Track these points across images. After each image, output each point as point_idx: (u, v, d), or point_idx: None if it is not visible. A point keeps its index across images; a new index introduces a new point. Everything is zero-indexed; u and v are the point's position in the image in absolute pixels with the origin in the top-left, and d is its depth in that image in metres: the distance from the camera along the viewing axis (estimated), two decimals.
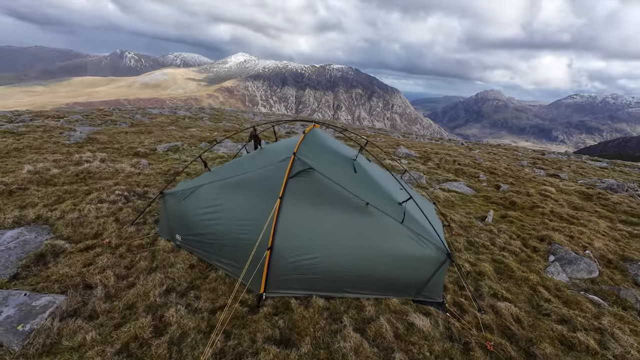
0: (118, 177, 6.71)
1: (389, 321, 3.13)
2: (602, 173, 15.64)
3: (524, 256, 4.92)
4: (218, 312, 3.12)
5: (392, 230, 3.45)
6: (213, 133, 15.70)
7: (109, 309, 3.03)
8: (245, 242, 3.51)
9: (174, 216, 4.24)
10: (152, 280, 3.43)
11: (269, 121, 9.11)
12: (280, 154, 3.85)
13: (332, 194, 3.53)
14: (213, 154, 10.46)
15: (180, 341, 2.75)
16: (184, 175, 7.48)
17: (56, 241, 4.01)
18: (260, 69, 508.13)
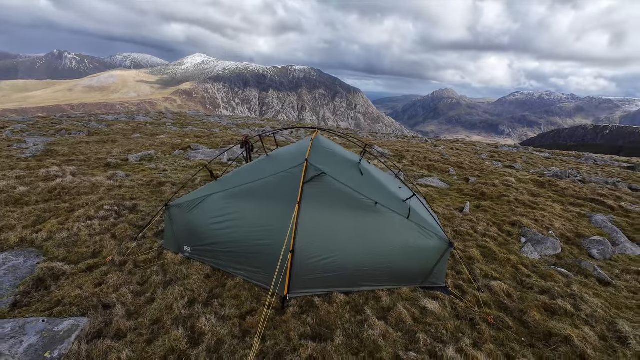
0: (99, 192, 6.32)
1: (405, 307, 3.46)
2: (547, 162, 17.73)
3: (501, 240, 5.59)
4: (247, 317, 3.22)
5: (400, 225, 3.80)
6: (184, 139, 15.12)
7: (135, 326, 2.99)
8: (263, 247, 3.64)
9: (181, 228, 4.20)
10: (172, 294, 3.41)
11: (273, 129, 9.09)
12: (290, 160, 4.02)
13: (344, 196, 3.79)
14: (192, 162, 10.16)
15: (218, 348, 2.82)
16: (170, 185, 7.25)
17: (52, 264, 3.78)
18: (220, 71, 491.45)
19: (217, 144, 14.38)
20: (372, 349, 2.88)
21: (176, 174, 8.43)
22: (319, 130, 4.61)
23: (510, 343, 3.14)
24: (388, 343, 2.95)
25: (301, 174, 3.73)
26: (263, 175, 4.00)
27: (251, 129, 25.22)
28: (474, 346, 2.99)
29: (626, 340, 3.19)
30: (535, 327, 3.36)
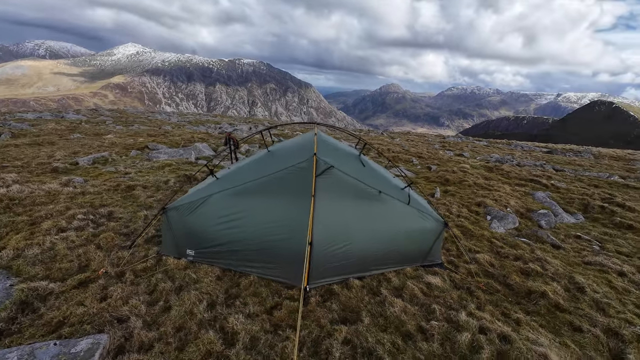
0: (59, 200, 5.58)
1: (414, 284, 3.81)
2: (488, 150, 20.09)
3: (473, 219, 6.34)
4: (274, 311, 3.26)
5: (402, 211, 4.13)
6: (137, 139, 13.85)
7: (159, 336, 2.83)
8: (278, 243, 3.67)
9: (181, 232, 3.99)
10: (188, 299, 3.28)
11: (266, 127, 8.76)
12: (296, 156, 4.06)
13: (351, 187, 3.99)
14: (156, 162, 9.40)
15: (255, 345, 2.83)
16: (141, 188, 6.68)
17: (33, 283, 3.33)
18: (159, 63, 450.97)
19: (177, 142, 13.44)
20: (397, 324, 3.16)
21: (143, 177, 7.76)
22: (318, 125, 4.72)
23: (502, 303, 3.69)
24: (409, 317, 3.26)
25: (312, 168, 3.82)
26: (269, 172, 3.99)
27: (206, 126, 23.88)
28: (478, 309, 3.46)
29: (584, 289, 3.97)
30: (517, 288, 3.98)
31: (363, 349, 2.84)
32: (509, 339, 2.94)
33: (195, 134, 15.85)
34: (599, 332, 3.25)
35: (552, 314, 3.56)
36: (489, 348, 2.84)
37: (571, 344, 3.08)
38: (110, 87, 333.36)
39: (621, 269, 4.56)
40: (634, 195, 9.32)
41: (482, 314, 3.31)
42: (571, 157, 19.46)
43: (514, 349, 2.81)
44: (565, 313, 3.56)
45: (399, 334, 3.05)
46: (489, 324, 3.14)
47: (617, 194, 9.12)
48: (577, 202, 8.09)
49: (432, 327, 3.09)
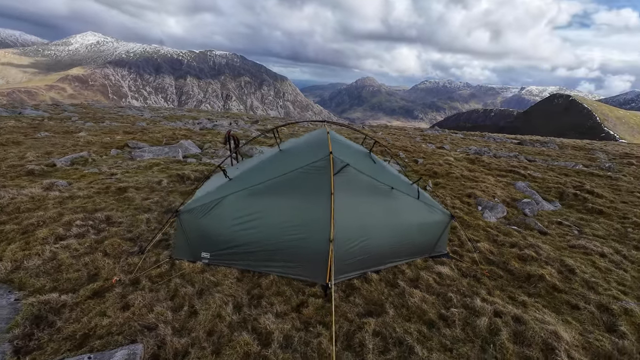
0: (47, 206, 5.22)
1: (427, 275, 4.02)
2: (465, 142, 21.04)
3: (466, 210, 6.71)
4: (301, 309, 3.32)
5: (413, 205, 4.31)
6: (114, 137, 13.13)
7: (191, 341, 2.80)
8: (298, 242, 3.72)
9: (195, 234, 3.91)
10: (213, 302, 3.26)
11: (277, 125, 8.54)
12: (310, 154, 4.08)
13: (365, 184, 4.09)
14: (142, 162, 8.97)
15: (290, 342, 2.88)
16: (133, 190, 6.38)
17: (43, 296, 3.14)
18: (123, 54, 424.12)
19: (159, 140, 12.86)
20: (419, 313, 3.35)
21: (132, 177, 7.40)
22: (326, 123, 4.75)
23: (507, 288, 4.00)
24: (429, 305, 3.45)
25: (329, 167, 3.87)
26: (284, 171, 3.98)
27: (184, 122, 22.92)
28: (489, 295, 3.73)
29: (574, 271, 4.39)
30: (517, 273, 4.32)
31: (393, 339, 2.99)
32: (522, 320, 3.22)
33: (177, 131, 15.22)
34: (593, 308, 3.63)
35: (551, 295, 3.92)
36: (506, 329, 3.09)
37: (572, 321, 3.42)
38: (68, 79, 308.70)
39: (602, 251, 5.08)
40: (599, 183, 10.26)
41: (493, 299, 3.58)
42: (539, 148, 20.88)
43: (528, 328, 3.09)
44: (562, 293, 3.93)
45: (422, 323, 3.23)
46: (502, 308, 3.40)
47: (585, 181, 9.99)
48: (554, 191, 8.78)
49: (452, 314, 3.30)
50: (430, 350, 2.88)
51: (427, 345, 2.93)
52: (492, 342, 2.98)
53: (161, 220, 5.12)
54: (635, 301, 3.82)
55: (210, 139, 13.35)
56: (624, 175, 12.07)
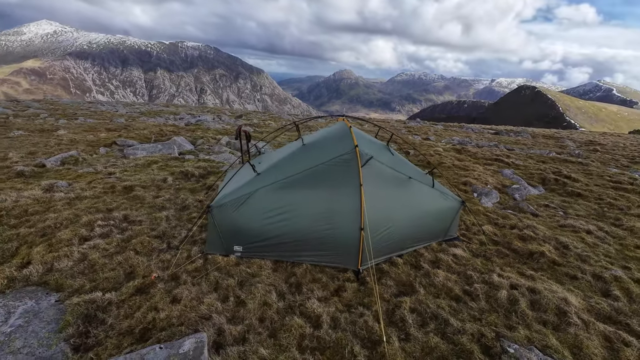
0: (57, 208, 5.06)
1: (444, 256, 4.38)
2: (447, 133, 21.93)
3: (465, 197, 7.18)
4: (340, 293, 3.56)
5: (429, 193, 4.64)
6: (98, 134, 12.60)
7: (247, 328, 2.96)
8: (330, 231, 3.93)
9: (227, 228, 4.01)
10: (257, 292, 3.41)
11: (299, 119, 8.45)
12: (336, 148, 4.25)
13: (387, 174, 4.35)
14: (139, 160, 8.72)
15: (338, 323, 3.11)
16: (140, 189, 6.27)
17: (87, 296, 3.16)
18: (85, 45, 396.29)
19: (147, 137, 12.46)
20: (446, 290, 3.69)
21: (133, 176, 7.23)
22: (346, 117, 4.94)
23: (515, 265, 4.45)
24: (453, 283, 3.81)
25: (356, 160, 4.08)
26: (311, 164, 4.15)
27: (165, 117, 22.11)
28: (502, 271, 4.14)
29: (568, 247, 4.93)
30: (521, 251, 4.79)
31: (428, 313, 3.31)
32: (536, 290, 3.64)
33: (165, 127, 14.76)
34: (589, 277, 4.15)
35: (552, 268, 4.41)
36: (524, 299, 3.51)
37: (574, 289, 3.90)
38: (23, 72, 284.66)
39: (587, 228, 5.70)
40: (573, 168, 11.21)
41: (508, 274, 4.00)
42: (515, 137, 22.19)
43: (542, 297, 3.51)
44: (561, 267, 4.43)
45: (450, 298, 3.58)
46: (516, 281, 3.82)
47: (562, 168, 10.89)
48: (537, 177, 9.53)
49: (475, 290, 3.67)
50: (462, 321, 3.22)
51: (459, 317, 3.27)
52: (514, 310, 3.38)
53: (180, 217, 5.13)
54: (620, 269, 4.40)
55: (202, 135, 13.09)
56: (592, 161, 13.23)
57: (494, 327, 3.14)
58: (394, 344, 2.88)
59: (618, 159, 14.54)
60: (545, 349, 2.92)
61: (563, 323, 3.23)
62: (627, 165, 13.20)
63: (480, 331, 3.07)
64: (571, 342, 3.02)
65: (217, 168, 8.12)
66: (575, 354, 2.91)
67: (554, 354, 2.88)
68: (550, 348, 2.93)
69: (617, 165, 12.92)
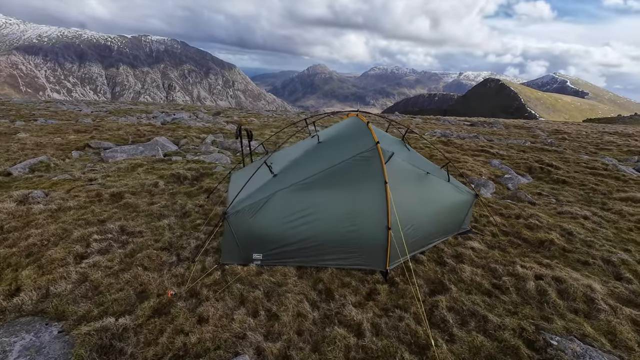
0: (39, 222, 4.47)
1: (464, 250, 4.38)
2: (428, 126, 22.46)
3: None
4: (374, 296, 3.42)
5: (444, 188, 4.60)
6: (66, 137, 11.54)
7: (286, 344, 2.74)
8: (355, 232, 3.76)
9: (245, 236, 3.72)
10: (289, 303, 3.19)
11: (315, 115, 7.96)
12: (355, 145, 4.05)
13: (408, 171, 4.25)
14: (120, 163, 8.01)
15: (380, 329, 2.97)
16: (130, 195, 5.73)
17: (97, 323, 2.78)
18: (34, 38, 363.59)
19: (123, 138, 11.56)
20: (476, 285, 3.67)
21: (117, 182, 6.61)
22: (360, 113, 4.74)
23: (530, 254, 4.54)
24: (481, 277, 3.80)
25: (377, 157, 3.92)
26: (331, 163, 3.94)
27: (136, 116, 20.74)
28: (522, 261, 4.20)
29: (572, 233, 5.13)
30: (531, 240, 4.92)
31: (465, 311, 3.26)
32: (560, 279, 3.72)
33: (141, 127, 13.77)
34: (600, 262, 4.33)
35: (563, 255, 4.56)
36: (551, 289, 3.56)
37: (590, 275, 4.04)
38: None
39: (584, 214, 5.99)
40: (551, 157, 11.85)
41: (529, 264, 4.06)
42: (490, 128, 23.18)
43: (568, 286, 3.59)
44: (571, 253, 4.59)
45: (482, 293, 3.56)
46: (539, 271, 3.89)
47: (542, 156, 11.46)
48: (523, 166, 9.95)
49: (504, 283, 3.69)
50: (500, 316, 3.20)
51: (496, 312, 3.26)
52: (545, 301, 3.42)
53: (183, 225, 4.73)
54: (624, 252, 4.64)
55: (184, 134, 12.36)
56: (564, 149, 14.09)
57: (531, 320, 3.15)
58: (442, 346, 2.79)
59: (585, 147, 15.62)
60: (584, 338, 2.96)
61: (593, 310, 3.32)
62: (594, 152, 14.20)
63: (520, 325, 3.06)
64: (605, 329, 3.10)
65: (210, 169, 7.65)
66: (611, 340, 2.98)
67: (593, 342, 2.93)
68: (588, 337, 2.98)
69: (586, 152, 13.85)
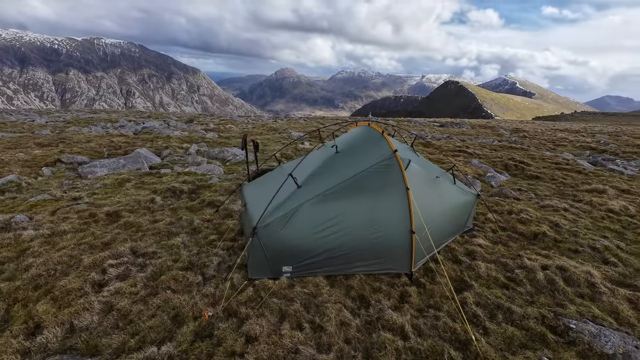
0: (35, 250, 4.09)
1: (473, 248, 4.70)
2: (404, 128, 23.39)
3: None
4: (407, 299, 3.57)
5: (452, 190, 4.90)
6: (30, 151, 10.64)
7: (339, 354, 2.79)
8: (381, 239, 3.90)
9: (275, 248, 3.70)
10: (329, 313, 3.23)
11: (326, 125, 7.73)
12: (374, 154, 4.20)
13: (423, 176, 4.47)
14: (105, 179, 7.48)
15: (421, 330, 3.12)
16: (128, 214, 5.41)
17: (139, 354, 2.64)
18: None
19: (96, 151, 10.81)
20: (493, 280, 3.96)
21: (107, 199, 6.20)
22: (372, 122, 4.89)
23: (528, 246, 4.97)
24: (495, 272, 4.10)
25: (396, 165, 4.09)
26: (353, 172, 4.05)
27: (101, 126, 19.40)
28: (526, 253, 4.60)
29: (559, 225, 5.69)
30: (527, 234, 5.38)
31: (491, 305, 3.52)
32: (563, 267, 4.14)
33: (114, 138, 12.90)
34: (588, 249, 4.87)
35: (556, 245, 5.05)
36: (557, 277, 3.95)
37: (583, 261, 4.53)
38: None
39: (563, 206, 6.66)
40: (520, 154, 12.94)
41: (533, 256, 4.46)
42: (459, 129, 24.72)
43: (571, 273, 4.01)
44: (562, 243, 5.10)
45: (500, 287, 3.86)
46: (543, 262, 4.29)
47: (512, 154, 12.49)
48: (499, 164, 10.78)
49: (517, 275, 4.02)
50: (521, 306, 3.50)
51: (517, 303, 3.55)
52: (555, 289, 3.79)
53: (197, 242, 4.57)
54: (604, 239, 5.24)
55: (165, 145, 11.79)
56: (528, 147, 15.45)
57: (548, 308, 3.48)
58: (481, 340, 3.00)
59: (544, 143, 17.24)
60: (595, 320, 3.34)
61: (596, 293, 3.74)
62: (553, 148, 15.73)
63: (541, 313, 3.38)
64: (609, 309, 3.51)
65: (205, 181, 7.40)
66: (616, 319, 3.39)
67: (603, 322, 3.31)
68: (598, 318, 3.36)
69: (547, 149, 15.30)
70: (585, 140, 19.07)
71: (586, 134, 23.08)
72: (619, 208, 6.66)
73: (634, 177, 9.93)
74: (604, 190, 7.89)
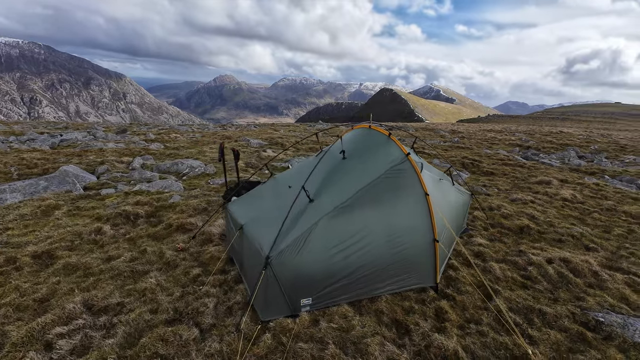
0: (26, 275, 2.68)
1: (478, 248, 4.65)
2: None
3: None
4: (442, 315, 3.22)
5: (452, 190, 4.80)
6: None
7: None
8: (404, 252, 3.52)
9: (291, 279, 3.03)
10: (373, 350, 2.71)
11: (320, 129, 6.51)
12: (384, 160, 3.79)
13: (432, 179, 4.24)
14: (21, 207, 5.72)
15: (473, 352, 2.80)
16: (68, 252, 4.10)
17: None
18: None
19: (3, 171, 8.43)
20: (512, 281, 3.89)
21: (29, 235, 4.69)
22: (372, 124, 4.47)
23: (520, 241, 5.14)
24: (510, 272, 4.05)
25: (410, 169, 3.76)
26: (367, 180, 3.58)
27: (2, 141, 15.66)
28: (525, 248, 4.69)
29: (534, 216, 6.07)
30: (513, 228, 5.59)
31: (523, 309, 3.39)
32: (565, 259, 4.28)
33: (25, 154, 10.30)
34: (569, 238, 5.22)
35: (541, 237, 5.33)
36: (565, 271, 4.06)
37: (572, 251, 4.81)
38: None
39: (529, 199, 7.21)
40: (469, 153, 14.10)
41: (534, 251, 4.57)
42: (406, 132, 26.30)
43: (575, 264, 4.16)
44: (545, 234, 5.41)
45: (521, 287, 3.79)
46: (547, 255, 4.40)
47: (464, 153, 13.52)
48: (457, 163, 11.50)
49: (530, 273, 4.02)
50: (549, 305, 3.44)
51: (544, 303, 3.49)
52: (568, 282, 3.86)
53: (177, 280, 3.60)
54: (573, 226, 5.73)
55: (100, 160, 9.80)
56: (471, 146, 17.03)
57: (572, 303, 3.49)
58: (537, 354, 2.80)
59: (481, 142, 19.24)
60: (613, 308, 3.44)
61: (600, 281, 3.91)
62: (490, 146, 17.63)
63: (569, 310, 3.35)
64: (618, 296, 3.67)
65: (165, 200, 6.19)
66: (627, 304, 3.55)
67: (619, 309, 3.42)
68: (615, 306, 3.47)
69: (486, 147, 17.07)
70: (510, 138, 21.90)
71: (508, 133, 26.63)
72: (570, 196, 7.48)
73: (562, 168, 11.51)
74: (549, 182, 8.87)
